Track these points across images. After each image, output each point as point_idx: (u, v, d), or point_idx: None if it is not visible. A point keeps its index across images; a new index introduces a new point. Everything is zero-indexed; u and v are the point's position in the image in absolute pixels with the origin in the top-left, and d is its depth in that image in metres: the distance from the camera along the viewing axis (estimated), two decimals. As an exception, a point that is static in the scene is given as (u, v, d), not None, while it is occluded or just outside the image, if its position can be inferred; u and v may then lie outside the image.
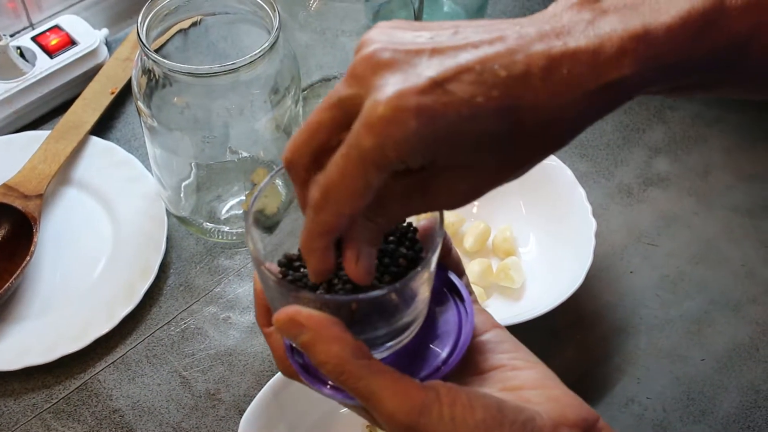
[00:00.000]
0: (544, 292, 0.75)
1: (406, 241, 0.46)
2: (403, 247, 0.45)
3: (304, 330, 0.41)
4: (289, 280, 0.45)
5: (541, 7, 0.98)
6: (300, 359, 0.46)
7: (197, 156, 0.74)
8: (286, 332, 0.42)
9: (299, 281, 0.44)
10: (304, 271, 0.44)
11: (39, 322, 0.74)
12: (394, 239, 0.46)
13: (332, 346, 0.40)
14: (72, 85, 0.87)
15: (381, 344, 0.44)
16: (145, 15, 0.66)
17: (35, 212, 0.77)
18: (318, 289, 0.44)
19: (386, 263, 0.44)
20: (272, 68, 0.68)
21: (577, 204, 0.77)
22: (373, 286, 0.43)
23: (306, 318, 0.41)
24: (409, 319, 0.44)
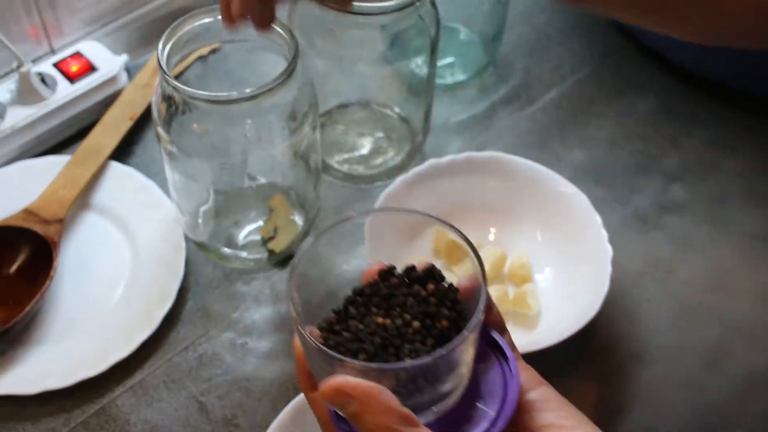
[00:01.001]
0: (559, 319, 0.74)
1: (447, 301, 0.46)
2: (444, 307, 0.45)
3: (351, 400, 0.41)
4: (331, 345, 0.44)
5: (559, 35, 1.00)
6: (346, 426, 0.46)
7: (215, 182, 0.74)
8: (333, 403, 0.42)
9: (342, 346, 0.44)
10: (345, 335, 0.45)
11: (58, 346, 0.74)
12: (435, 300, 0.46)
13: (380, 417, 0.40)
14: (92, 111, 0.88)
15: (427, 408, 0.44)
16: (166, 42, 0.67)
17: (55, 237, 0.77)
18: (360, 354, 0.44)
19: (428, 325, 0.44)
20: (290, 95, 0.69)
21: (593, 231, 0.77)
22: (417, 351, 0.43)
23: (352, 388, 0.41)
24: (454, 382, 0.44)
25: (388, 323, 0.45)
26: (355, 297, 0.47)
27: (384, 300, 0.46)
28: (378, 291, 0.47)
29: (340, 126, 0.88)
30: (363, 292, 0.47)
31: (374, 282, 0.47)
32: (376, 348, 0.44)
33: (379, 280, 0.47)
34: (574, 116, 0.93)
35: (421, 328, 0.44)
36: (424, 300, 0.46)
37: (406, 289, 0.47)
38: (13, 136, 0.84)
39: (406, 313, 0.45)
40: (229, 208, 0.79)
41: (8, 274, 0.76)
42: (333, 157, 0.86)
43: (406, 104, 0.87)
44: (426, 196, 0.79)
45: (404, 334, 0.44)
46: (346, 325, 0.46)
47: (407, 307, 0.46)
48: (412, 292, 0.46)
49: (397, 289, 0.47)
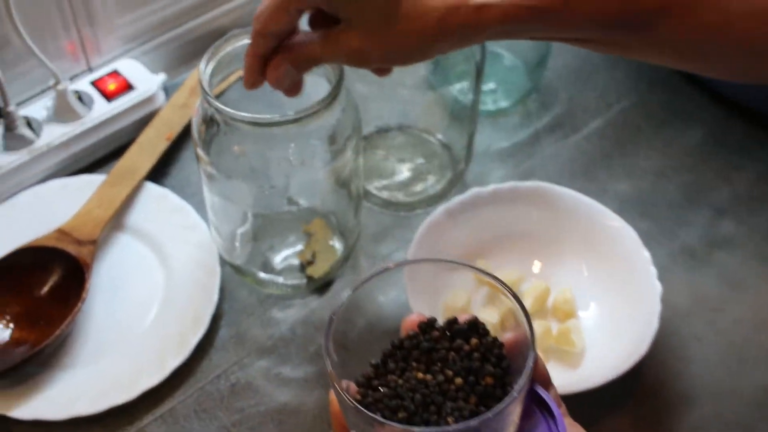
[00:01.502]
0: (604, 358, 0.72)
1: (491, 357, 0.44)
2: (488, 363, 0.44)
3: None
4: (369, 402, 0.43)
5: (605, 62, 0.97)
6: None
7: (254, 205, 0.73)
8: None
9: (380, 403, 0.43)
10: (384, 391, 0.43)
11: (88, 370, 0.72)
12: (478, 355, 0.44)
13: None
14: (128, 130, 0.87)
15: None
16: (208, 62, 0.66)
17: (88, 258, 0.76)
18: (399, 412, 0.42)
19: (471, 382, 0.43)
20: (334, 118, 0.67)
21: (642, 267, 0.74)
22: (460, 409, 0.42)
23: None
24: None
25: (429, 379, 0.43)
26: (394, 350, 0.46)
27: (424, 354, 0.45)
28: (418, 344, 0.45)
29: (379, 151, 0.86)
30: (402, 344, 0.46)
31: (414, 335, 0.46)
32: (416, 406, 0.42)
33: (419, 333, 0.46)
34: (619, 146, 0.91)
35: (464, 384, 0.43)
36: (467, 355, 0.44)
37: (447, 342, 0.45)
38: (49, 153, 0.83)
39: (447, 368, 0.44)
40: (267, 231, 0.78)
41: (40, 295, 0.75)
42: (372, 183, 0.84)
43: (449, 130, 0.85)
44: (469, 226, 0.77)
45: (446, 391, 0.43)
46: (385, 380, 0.44)
47: (449, 362, 0.44)
48: (455, 347, 0.45)
49: (438, 343, 0.45)
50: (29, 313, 0.73)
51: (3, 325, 0.72)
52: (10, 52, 0.82)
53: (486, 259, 0.77)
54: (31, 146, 0.82)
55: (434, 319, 0.46)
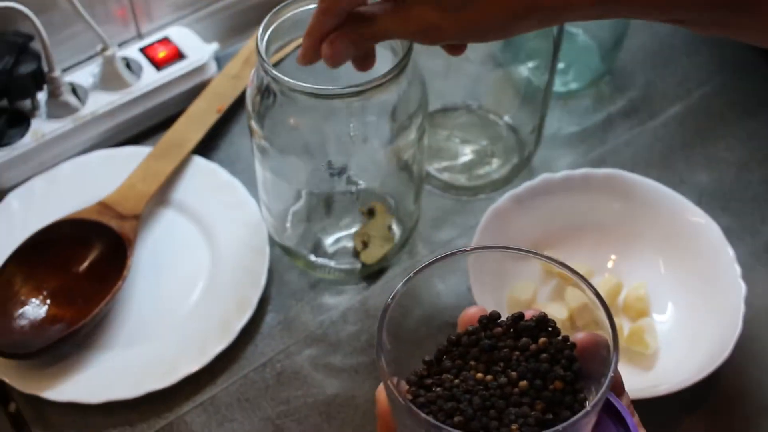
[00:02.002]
0: (679, 362, 0.67)
1: (561, 359, 0.39)
2: (558, 366, 0.39)
3: None
4: (422, 403, 0.39)
5: (685, 45, 0.91)
6: None
7: (309, 183, 0.68)
8: None
9: (433, 404, 0.39)
10: (438, 391, 0.39)
11: (126, 353, 0.69)
12: (547, 356, 0.39)
13: None
14: (178, 101, 0.83)
15: None
16: (266, 28, 0.61)
17: (131, 234, 0.72)
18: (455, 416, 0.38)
19: (538, 386, 0.38)
20: (398, 93, 0.62)
21: (725, 265, 0.69)
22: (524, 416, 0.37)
23: None
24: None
25: (489, 380, 0.39)
26: (450, 347, 0.41)
27: (485, 352, 0.40)
28: (478, 341, 0.41)
29: (442, 131, 0.81)
30: (460, 340, 0.41)
31: (474, 330, 0.41)
32: (474, 409, 0.38)
33: (480, 328, 0.41)
34: (699, 135, 0.85)
35: (530, 388, 0.39)
36: (534, 356, 0.40)
37: (511, 341, 0.40)
38: (93, 122, 0.80)
39: (511, 369, 0.39)
40: (321, 212, 0.73)
41: (79, 271, 0.71)
42: (432, 164, 0.79)
43: (517, 112, 0.80)
44: (537, 215, 0.72)
45: (509, 395, 0.38)
46: (440, 379, 0.40)
47: (513, 362, 0.40)
48: (520, 345, 0.40)
49: (500, 341, 0.41)
50: (67, 290, 0.70)
51: (39, 301, 0.69)
52: (56, 15, 0.79)
53: (555, 251, 0.72)
54: (76, 114, 0.79)
55: (497, 313, 0.42)
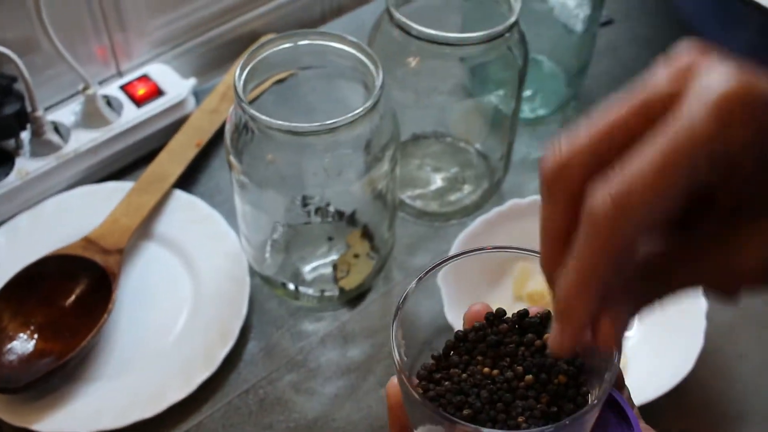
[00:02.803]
0: (645, 376, 0.69)
1: None
2: (562, 361, 0.40)
3: None
4: (432, 396, 0.40)
5: (644, 67, 0.94)
6: None
7: (287, 215, 0.71)
8: None
9: (443, 398, 0.40)
10: (447, 385, 0.40)
11: (113, 384, 0.71)
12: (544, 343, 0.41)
13: None
14: (158, 136, 0.85)
15: None
16: (243, 68, 0.64)
17: (115, 268, 0.74)
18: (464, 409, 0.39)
19: (543, 380, 0.40)
20: (371, 127, 0.65)
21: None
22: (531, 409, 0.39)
23: None
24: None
25: (496, 374, 0.40)
26: (458, 342, 0.42)
27: (491, 348, 0.41)
28: (485, 337, 0.42)
29: (414, 159, 0.84)
30: (467, 336, 0.42)
31: (480, 326, 0.42)
32: (483, 402, 0.39)
33: (487, 325, 0.42)
34: (662, 157, 0.88)
35: (535, 383, 0.40)
36: (539, 351, 0.41)
37: (517, 337, 0.42)
38: (76, 159, 0.82)
39: (517, 364, 0.41)
40: (299, 242, 0.76)
41: (65, 305, 0.73)
42: (405, 192, 0.82)
43: (486, 139, 0.83)
44: (507, 239, 0.75)
45: (515, 389, 0.40)
46: (448, 373, 0.41)
47: (518, 358, 0.41)
48: (525, 341, 0.41)
49: (506, 337, 0.42)
50: (54, 324, 0.72)
51: (27, 335, 0.71)
52: (39, 56, 0.81)
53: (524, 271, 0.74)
54: (59, 152, 0.81)
55: (503, 310, 0.43)
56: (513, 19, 0.69)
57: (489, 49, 0.71)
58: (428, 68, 0.73)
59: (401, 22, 0.69)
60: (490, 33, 0.68)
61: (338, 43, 0.67)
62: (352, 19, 1.01)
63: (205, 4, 0.91)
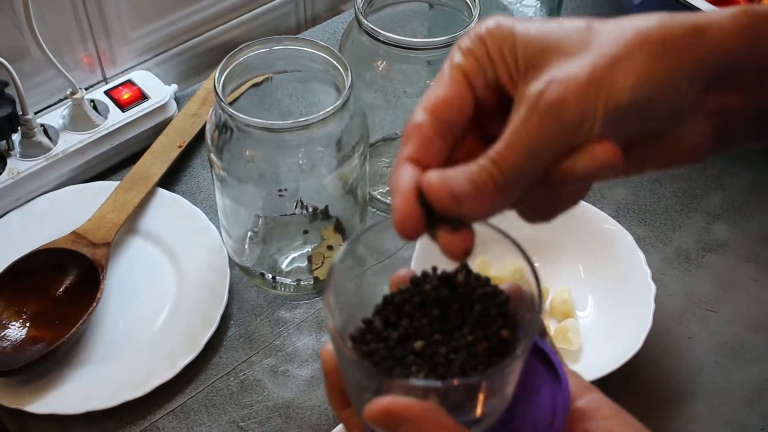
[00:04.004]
0: (601, 355, 0.74)
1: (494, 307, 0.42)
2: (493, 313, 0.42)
3: (403, 422, 0.38)
4: (365, 356, 0.40)
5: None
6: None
7: (264, 208, 0.75)
8: (381, 425, 0.38)
9: (376, 355, 0.40)
10: (380, 346, 0.41)
11: (102, 367, 0.75)
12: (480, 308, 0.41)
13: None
14: (141, 138, 0.90)
15: (476, 424, 0.41)
16: (222, 71, 0.69)
17: (102, 260, 0.78)
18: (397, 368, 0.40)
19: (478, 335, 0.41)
20: (342, 125, 0.70)
21: (637, 268, 0.77)
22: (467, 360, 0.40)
23: (404, 409, 0.38)
24: (504, 395, 0.42)
25: (428, 330, 0.41)
26: (385, 305, 0.43)
27: (418, 308, 0.42)
28: (411, 298, 0.42)
29: (384, 159, 0.89)
30: (393, 300, 0.43)
31: (406, 288, 0.43)
32: (416, 359, 0.40)
33: (412, 287, 0.43)
34: (616, 154, 0.93)
35: (472, 332, 0.40)
36: (470, 306, 0.42)
37: (446, 291, 0.42)
38: (65, 160, 0.86)
39: (449, 320, 0.41)
40: (275, 234, 0.80)
41: (56, 295, 0.77)
42: (377, 189, 0.87)
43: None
44: (470, 229, 0.79)
45: (450, 337, 0.41)
46: (380, 335, 0.41)
47: (451, 311, 0.42)
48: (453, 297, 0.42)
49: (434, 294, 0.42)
50: (45, 313, 0.76)
51: (20, 323, 0.75)
52: (29, 63, 0.85)
53: (485, 258, 0.79)
54: (48, 153, 0.85)
55: (426, 272, 0.43)
56: (472, 24, 0.74)
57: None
58: (395, 72, 0.78)
59: (369, 29, 0.74)
60: (452, 38, 0.73)
61: (310, 48, 0.72)
62: (325, 28, 1.06)
63: (186, 14, 0.96)
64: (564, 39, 0.40)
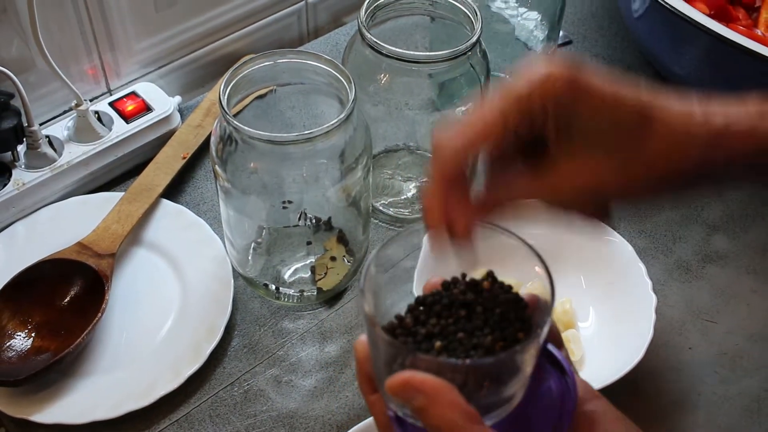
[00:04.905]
0: (602, 365, 0.75)
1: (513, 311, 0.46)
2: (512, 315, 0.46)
3: (418, 394, 0.41)
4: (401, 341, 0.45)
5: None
6: (405, 430, 0.46)
7: (268, 219, 0.76)
8: (400, 396, 0.42)
9: (406, 343, 0.45)
10: (409, 338, 0.45)
11: (107, 378, 0.75)
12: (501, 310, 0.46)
13: (447, 411, 0.41)
14: (146, 149, 0.90)
15: (485, 414, 0.44)
16: (227, 84, 0.69)
17: (107, 271, 0.79)
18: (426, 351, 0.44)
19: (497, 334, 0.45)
20: (345, 138, 0.71)
21: (637, 279, 0.77)
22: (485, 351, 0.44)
23: (420, 382, 0.41)
24: (514, 389, 0.45)
25: (452, 329, 0.45)
26: (417, 306, 0.47)
27: (446, 309, 0.46)
28: (440, 300, 0.47)
29: (386, 170, 0.90)
30: (425, 301, 0.47)
31: (437, 292, 0.47)
32: (441, 349, 0.44)
33: (442, 290, 0.47)
34: (616, 166, 0.94)
35: (491, 332, 0.45)
36: (492, 309, 0.46)
37: (472, 295, 0.47)
38: (69, 171, 0.86)
39: (472, 321, 0.46)
40: (279, 245, 0.81)
41: (61, 305, 0.78)
42: (379, 200, 0.88)
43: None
44: (472, 240, 0.80)
45: (471, 336, 0.45)
46: (409, 330, 0.46)
47: (475, 313, 0.46)
48: (478, 301, 0.46)
49: (461, 297, 0.47)
50: (51, 323, 0.76)
51: (26, 333, 0.75)
52: (34, 75, 0.86)
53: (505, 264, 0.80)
54: (53, 164, 0.86)
55: (456, 278, 0.48)
56: (474, 39, 0.75)
57: (453, 66, 0.76)
58: (398, 84, 0.79)
59: (372, 42, 0.75)
60: (454, 51, 0.74)
61: (314, 61, 0.72)
62: (328, 39, 1.07)
63: (189, 27, 0.97)
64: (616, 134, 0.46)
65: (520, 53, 0.92)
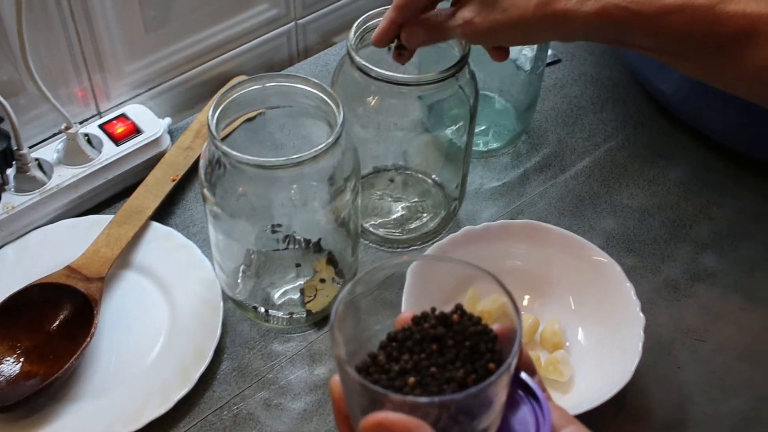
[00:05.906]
0: (591, 386, 0.75)
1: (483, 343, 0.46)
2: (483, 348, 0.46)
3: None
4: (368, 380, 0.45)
5: (592, 105, 1.02)
6: None
7: (257, 243, 0.76)
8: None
9: (378, 383, 0.45)
10: (383, 376, 0.46)
11: (96, 402, 0.75)
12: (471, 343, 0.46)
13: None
14: (135, 172, 0.90)
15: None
16: (216, 108, 0.69)
17: (96, 295, 0.79)
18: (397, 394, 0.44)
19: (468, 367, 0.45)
20: (334, 161, 0.71)
21: (626, 299, 0.78)
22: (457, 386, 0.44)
23: (392, 423, 0.42)
24: (488, 421, 0.45)
25: (425, 363, 0.46)
26: (389, 342, 0.48)
27: (418, 344, 0.47)
28: (411, 335, 0.47)
29: (375, 191, 0.90)
30: (396, 337, 0.48)
31: (407, 327, 0.48)
32: (414, 384, 0.45)
33: (413, 326, 0.48)
34: (605, 185, 0.94)
35: (463, 365, 0.45)
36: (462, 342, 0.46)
37: (442, 329, 0.47)
38: (59, 194, 0.86)
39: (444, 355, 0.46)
40: (268, 268, 0.81)
41: (50, 330, 0.78)
42: (369, 221, 0.88)
43: (442, 170, 0.89)
44: (460, 262, 0.80)
45: (444, 370, 0.45)
46: (383, 368, 0.46)
47: (446, 347, 0.46)
48: (449, 335, 0.47)
49: (432, 331, 0.47)
50: (39, 348, 0.76)
51: (14, 359, 0.75)
52: (24, 98, 0.86)
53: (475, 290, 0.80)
54: (42, 187, 0.86)
55: (427, 312, 0.48)
56: (461, 60, 0.75)
57: (442, 87, 0.77)
58: (387, 106, 0.79)
59: (361, 65, 0.75)
60: (442, 74, 0.75)
61: (303, 84, 0.73)
62: (317, 60, 1.08)
63: (179, 48, 0.97)
64: None
65: (509, 73, 0.92)
